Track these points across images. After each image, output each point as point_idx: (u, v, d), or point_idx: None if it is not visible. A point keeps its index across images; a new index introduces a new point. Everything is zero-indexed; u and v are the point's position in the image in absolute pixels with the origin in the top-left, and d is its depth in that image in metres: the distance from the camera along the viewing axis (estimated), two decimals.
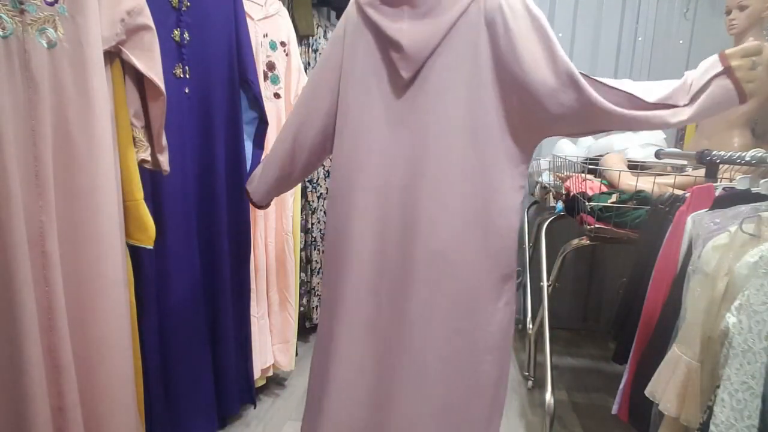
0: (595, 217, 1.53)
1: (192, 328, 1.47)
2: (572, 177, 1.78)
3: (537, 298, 1.97)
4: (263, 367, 1.84)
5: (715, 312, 0.87)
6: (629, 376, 1.19)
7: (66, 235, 1.01)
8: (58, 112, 0.98)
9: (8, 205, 0.91)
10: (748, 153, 1.06)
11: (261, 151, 1.69)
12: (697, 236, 1.02)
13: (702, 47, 2.50)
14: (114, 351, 1.10)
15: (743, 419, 0.73)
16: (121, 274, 1.12)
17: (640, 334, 1.17)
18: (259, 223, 1.76)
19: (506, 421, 1.85)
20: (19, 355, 0.94)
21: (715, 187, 1.13)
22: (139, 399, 1.24)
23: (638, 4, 2.53)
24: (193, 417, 1.49)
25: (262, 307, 1.81)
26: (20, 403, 0.96)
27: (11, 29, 0.91)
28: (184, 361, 1.44)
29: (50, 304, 0.99)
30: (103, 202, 1.05)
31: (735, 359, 0.75)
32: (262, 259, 1.79)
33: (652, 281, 1.16)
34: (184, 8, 1.34)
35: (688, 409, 0.91)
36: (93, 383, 1.08)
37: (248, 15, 1.62)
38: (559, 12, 2.58)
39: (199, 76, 1.42)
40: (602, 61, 2.60)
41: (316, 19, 2.26)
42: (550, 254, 1.93)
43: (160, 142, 1.22)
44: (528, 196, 2.72)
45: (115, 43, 1.07)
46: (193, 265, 1.46)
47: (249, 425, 1.76)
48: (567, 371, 2.29)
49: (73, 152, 1.00)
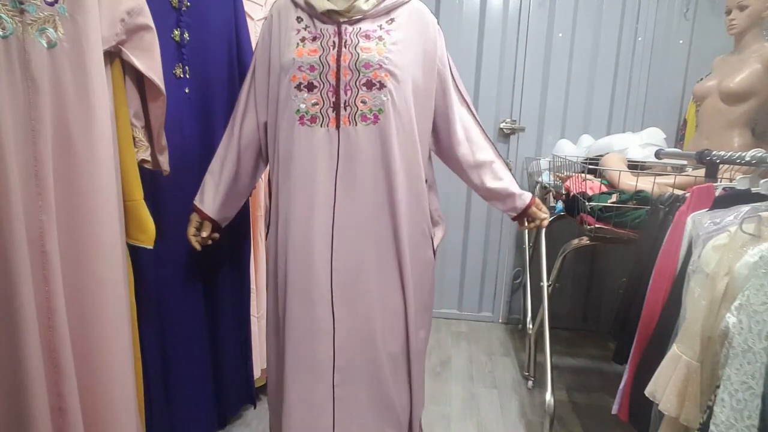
0: (595, 217, 1.53)
1: (192, 328, 1.47)
2: (572, 177, 1.79)
3: (537, 298, 1.97)
4: (263, 367, 1.84)
5: (715, 312, 0.87)
6: (629, 376, 1.19)
7: (66, 234, 1.01)
8: (58, 112, 0.98)
9: (8, 204, 0.91)
10: (748, 153, 1.06)
11: None
12: (697, 236, 1.02)
13: (702, 47, 2.50)
14: (114, 351, 1.10)
15: (743, 419, 0.73)
16: (121, 274, 1.12)
17: (640, 334, 1.17)
18: (259, 223, 1.76)
19: (506, 421, 1.85)
20: (19, 355, 0.94)
21: (715, 187, 1.13)
22: (139, 399, 1.24)
23: (638, 4, 2.53)
24: (193, 417, 1.49)
25: (262, 307, 1.81)
26: (20, 403, 0.96)
27: (11, 29, 0.91)
28: (184, 361, 1.44)
29: (50, 304, 0.99)
30: (103, 202, 1.05)
31: (735, 359, 0.75)
32: (262, 259, 1.79)
33: (652, 281, 1.16)
34: (184, 8, 1.34)
35: (688, 409, 0.91)
36: (93, 383, 1.07)
37: (248, 15, 1.62)
38: (559, 12, 2.59)
39: (199, 76, 1.42)
40: (602, 61, 2.60)
41: None
42: (550, 254, 1.93)
43: (160, 142, 1.22)
44: None
45: (115, 43, 1.07)
46: (193, 265, 1.46)
47: (249, 425, 1.76)
48: (567, 371, 2.29)
49: (73, 152, 1.00)
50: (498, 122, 2.70)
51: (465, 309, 2.91)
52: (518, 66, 2.65)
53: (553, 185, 2.09)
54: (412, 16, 1.14)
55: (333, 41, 1.09)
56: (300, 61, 1.09)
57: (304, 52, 1.09)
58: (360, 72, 1.08)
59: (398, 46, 1.10)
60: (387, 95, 1.09)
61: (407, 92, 1.11)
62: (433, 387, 2.09)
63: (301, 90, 1.10)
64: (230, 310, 1.60)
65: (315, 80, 1.09)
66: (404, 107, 1.11)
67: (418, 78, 1.14)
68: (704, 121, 1.92)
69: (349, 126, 1.10)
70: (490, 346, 2.55)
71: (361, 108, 1.09)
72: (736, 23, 1.81)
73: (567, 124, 2.68)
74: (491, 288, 2.87)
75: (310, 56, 1.09)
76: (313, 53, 1.09)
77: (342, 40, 1.08)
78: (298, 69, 1.09)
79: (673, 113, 2.58)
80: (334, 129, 1.10)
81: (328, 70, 1.08)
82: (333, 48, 1.08)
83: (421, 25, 1.15)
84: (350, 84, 1.09)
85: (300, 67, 1.09)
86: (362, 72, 1.08)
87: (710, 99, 1.88)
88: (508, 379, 2.19)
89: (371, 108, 1.09)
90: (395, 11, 1.12)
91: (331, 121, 1.10)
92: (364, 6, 1.08)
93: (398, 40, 1.10)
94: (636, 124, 2.59)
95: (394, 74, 1.09)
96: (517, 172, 2.73)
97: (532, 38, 2.61)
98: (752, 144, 1.79)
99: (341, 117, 1.10)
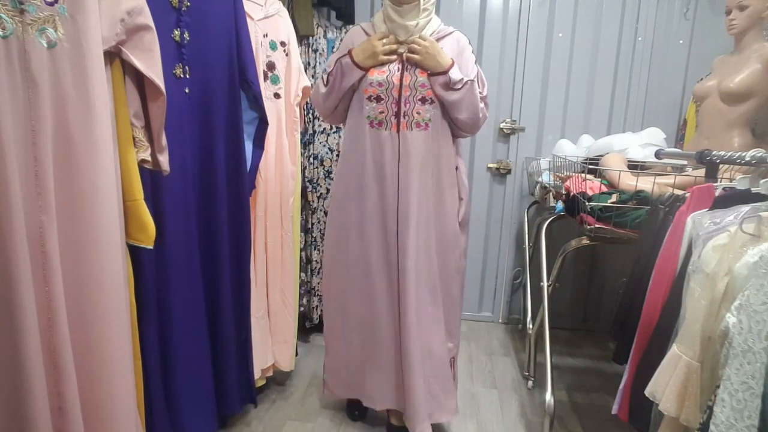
0: (595, 217, 1.53)
1: (192, 327, 1.47)
2: (572, 177, 1.78)
3: (537, 298, 1.97)
4: (263, 367, 1.84)
5: (715, 312, 0.87)
6: (629, 376, 1.19)
7: (66, 235, 1.01)
8: (58, 112, 0.98)
9: (8, 204, 0.91)
10: (748, 153, 1.06)
11: (261, 151, 1.69)
12: (697, 236, 1.02)
13: (702, 47, 2.50)
14: (114, 351, 1.10)
15: (743, 419, 0.73)
16: (121, 274, 1.12)
17: (640, 334, 1.17)
18: (259, 223, 1.76)
19: (506, 421, 1.85)
20: (19, 355, 0.94)
21: (715, 187, 1.13)
22: (139, 399, 1.24)
23: (638, 4, 2.53)
24: (193, 417, 1.48)
25: (262, 307, 1.81)
26: (20, 403, 0.96)
27: (11, 29, 0.91)
28: (184, 361, 1.44)
29: (50, 304, 0.99)
30: (103, 202, 1.05)
31: (735, 359, 0.75)
32: (262, 259, 1.79)
33: (652, 281, 1.16)
34: (184, 8, 1.34)
35: (688, 409, 0.91)
36: (93, 383, 1.07)
37: (248, 15, 1.62)
38: (559, 12, 2.59)
39: (199, 76, 1.42)
40: (602, 61, 2.60)
41: (316, 19, 2.26)
42: (550, 254, 1.93)
43: (160, 142, 1.22)
44: (528, 196, 2.73)
45: (115, 43, 1.07)
46: (193, 265, 1.46)
47: (249, 425, 1.76)
48: (567, 371, 2.29)
49: (73, 152, 1.00)
50: (498, 122, 2.71)
51: (465, 309, 2.89)
52: (518, 66, 2.65)
53: (553, 185, 2.09)
54: (453, 45, 1.49)
55: (397, 66, 1.45)
56: (371, 79, 1.45)
57: (375, 72, 1.45)
58: (417, 90, 1.44)
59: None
60: (436, 108, 1.46)
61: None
62: None
63: (371, 101, 1.46)
64: (230, 310, 1.60)
65: (382, 94, 1.45)
66: (447, 118, 1.49)
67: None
68: (704, 121, 1.92)
69: (406, 130, 1.46)
70: (490, 346, 2.56)
71: (416, 117, 1.46)
72: (736, 23, 1.81)
73: (567, 124, 2.68)
74: (491, 288, 2.87)
75: (379, 76, 1.45)
76: (381, 74, 1.45)
77: (404, 66, 1.44)
78: (369, 84, 1.45)
79: (673, 113, 2.59)
80: (395, 132, 1.46)
81: (392, 87, 1.45)
82: (397, 71, 1.45)
83: (458, 50, 1.49)
84: (409, 99, 1.45)
85: (371, 83, 1.45)
86: (419, 90, 1.44)
87: (710, 99, 1.88)
88: (508, 379, 2.19)
89: (424, 118, 1.46)
90: (442, 41, 1.47)
91: (393, 126, 1.46)
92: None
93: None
94: (636, 124, 2.59)
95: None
96: (517, 172, 2.73)
97: (532, 38, 2.61)
98: (752, 144, 1.79)
99: (401, 123, 1.46)
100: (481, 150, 2.75)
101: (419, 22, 1.43)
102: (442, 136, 1.50)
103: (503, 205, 2.78)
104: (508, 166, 2.73)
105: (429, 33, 1.45)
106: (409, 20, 1.42)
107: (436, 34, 1.47)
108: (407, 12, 1.42)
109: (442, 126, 1.50)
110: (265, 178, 1.77)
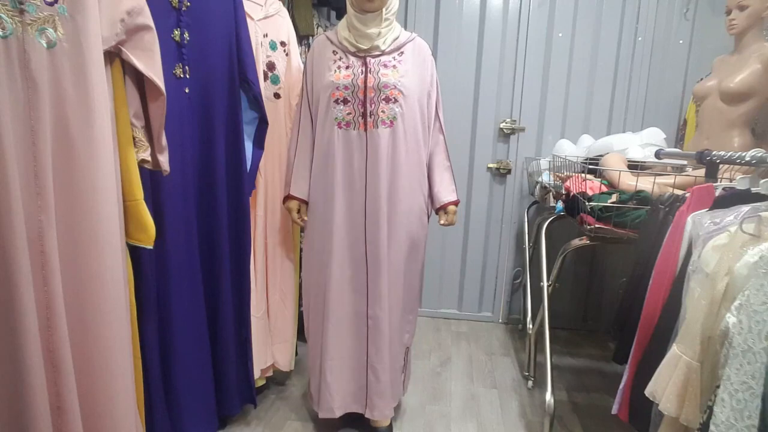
0: (595, 217, 1.53)
1: (192, 327, 1.47)
2: (572, 177, 1.78)
3: (537, 298, 1.97)
4: (263, 367, 1.84)
5: (715, 312, 0.87)
6: (629, 376, 1.19)
7: (65, 235, 1.01)
8: (58, 112, 0.98)
9: (8, 204, 0.91)
10: (748, 153, 1.05)
11: (261, 151, 1.69)
12: (697, 236, 1.02)
13: (702, 47, 2.50)
14: (114, 351, 1.10)
15: (743, 419, 0.73)
16: (121, 274, 1.12)
17: (640, 334, 1.17)
18: (259, 223, 1.76)
19: (506, 421, 1.85)
20: (19, 355, 0.94)
21: (715, 187, 1.13)
22: (139, 399, 1.24)
23: (638, 4, 2.53)
24: (193, 417, 1.49)
25: (262, 307, 1.81)
26: (20, 403, 0.96)
27: (11, 29, 0.91)
28: (184, 361, 1.44)
29: (49, 304, 0.99)
30: (103, 202, 1.05)
31: (735, 359, 0.75)
32: (261, 260, 1.79)
33: (652, 281, 1.16)
34: (184, 8, 1.34)
35: (688, 409, 0.91)
36: (93, 383, 1.08)
37: (248, 15, 1.62)
38: (559, 12, 2.59)
39: (199, 76, 1.42)
40: (602, 61, 2.60)
41: (316, 19, 2.26)
42: (550, 254, 1.93)
43: (160, 142, 1.22)
44: (528, 196, 2.73)
45: (115, 43, 1.07)
46: (193, 265, 1.46)
47: (249, 425, 1.76)
48: (567, 371, 2.29)
49: (73, 152, 1.00)
50: (498, 122, 2.71)
51: (465, 309, 2.91)
52: (518, 66, 2.65)
53: (553, 185, 2.09)
54: (414, 51, 1.58)
55: (361, 69, 1.53)
56: (337, 83, 1.53)
57: (340, 76, 1.53)
58: (381, 91, 1.52)
59: (407, 73, 1.54)
60: (399, 107, 1.54)
61: (413, 105, 1.56)
62: (434, 387, 2.09)
63: (338, 104, 1.53)
64: (230, 310, 1.60)
65: (348, 96, 1.53)
66: (410, 116, 1.57)
67: (420, 95, 1.58)
68: (704, 121, 1.92)
69: (373, 129, 1.53)
70: (490, 346, 2.56)
71: (381, 116, 1.53)
72: (736, 23, 1.81)
73: (567, 124, 2.68)
74: (491, 288, 2.87)
75: (345, 79, 1.53)
76: (347, 77, 1.53)
77: (368, 69, 1.53)
78: (336, 88, 1.53)
79: (673, 113, 2.59)
80: (363, 131, 1.54)
81: (357, 90, 1.52)
82: (361, 74, 1.52)
83: (420, 58, 1.59)
84: (374, 99, 1.53)
85: (337, 87, 1.53)
86: (382, 91, 1.52)
87: (710, 99, 1.88)
88: (508, 379, 2.19)
89: (389, 116, 1.54)
90: (404, 47, 1.57)
91: (360, 125, 1.54)
92: (383, 46, 1.53)
93: (407, 69, 1.55)
94: (636, 124, 2.59)
95: (404, 93, 1.53)
96: (517, 172, 2.73)
97: (532, 38, 2.61)
98: (752, 144, 1.79)
99: (368, 122, 1.53)
100: (481, 150, 2.75)
101: (381, 31, 1.51)
102: (409, 133, 1.57)
103: (503, 205, 2.78)
104: (508, 166, 2.73)
105: (390, 41, 1.54)
106: (371, 28, 1.50)
107: (398, 42, 1.55)
108: (370, 20, 1.49)
109: (408, 123, 1.56)
110: (265, 178, 1.77)
